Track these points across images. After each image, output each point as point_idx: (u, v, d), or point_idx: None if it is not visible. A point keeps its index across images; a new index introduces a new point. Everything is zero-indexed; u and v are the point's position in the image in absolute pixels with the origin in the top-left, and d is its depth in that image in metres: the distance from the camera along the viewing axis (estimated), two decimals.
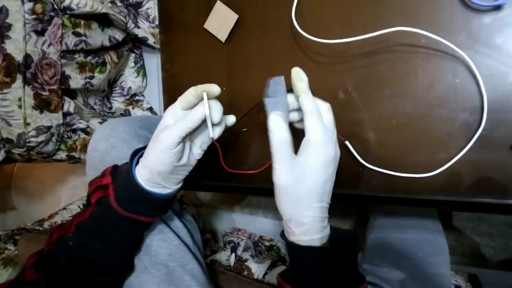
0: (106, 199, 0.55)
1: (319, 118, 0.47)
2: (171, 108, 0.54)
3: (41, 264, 0.55)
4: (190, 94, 0.51)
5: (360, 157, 0.56)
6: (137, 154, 0.57)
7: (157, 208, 0.58)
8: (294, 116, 0.52)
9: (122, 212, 0.54)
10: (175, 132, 0.50)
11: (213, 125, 0.52)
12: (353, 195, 0.59)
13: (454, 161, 0.52)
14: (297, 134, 0.49)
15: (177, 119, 0.53)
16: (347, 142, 0.56)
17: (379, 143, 0.56)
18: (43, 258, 0.56)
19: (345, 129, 0.58)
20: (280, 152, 0.46)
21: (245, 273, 1.07)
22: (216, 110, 0.52)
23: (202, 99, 0.51)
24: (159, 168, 0.52)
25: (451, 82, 0.52)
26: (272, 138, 0.47)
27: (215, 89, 0.50)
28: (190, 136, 0.53)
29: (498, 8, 0.48)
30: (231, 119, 0.57)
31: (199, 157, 0.56)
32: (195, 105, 0.52)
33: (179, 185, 0.58)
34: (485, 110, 0.49)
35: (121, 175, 0.57)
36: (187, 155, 0.55)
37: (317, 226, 0.48)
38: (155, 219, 0.62)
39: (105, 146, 0.69)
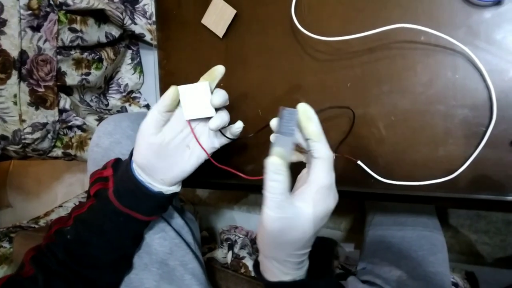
0: (104, 191, 0.55)
1: (330, 166, 0.42)
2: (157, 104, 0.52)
3: (39, 259, 0.55)
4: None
5: (359, 153, 0.56)
6: None
7: (155, 206, 0.57)
8: (298, 156, 0.48)
9: (119, 206, 0.54)
10: (149, 117, 0.49)
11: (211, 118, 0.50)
12: (351, 191, 0.59)
13: (461, 161, 0.52)
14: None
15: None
16: (359, 162, 0.56)
17: (377, 140, 0.56)
18: (41, 252, 0.56)
19: (343, 126, 0.57)
20: (273, 197, 0.40)
21: (242, 270, 1.06)
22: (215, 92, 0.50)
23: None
24: (138, 160, 0.52)
25: (451, 78, 0.51)
26: (268, 180, 0.40)
27: (219, 69, 0.50)
28: (186, 141, 0.53)
29: (498, 3, 0.48)
30: (238, 125, 0.53)
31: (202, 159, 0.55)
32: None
33: (175, 185, 0.57)
34: (495, 106, 0.49)
35: (121, 168, 0.56)
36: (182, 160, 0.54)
37: (295, 268, 0.47)
38: (153, 218, 0.61)
39: (109, 142, 0.68)
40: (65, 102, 1.15)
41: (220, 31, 0.64)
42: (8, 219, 1.72)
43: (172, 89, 0.48)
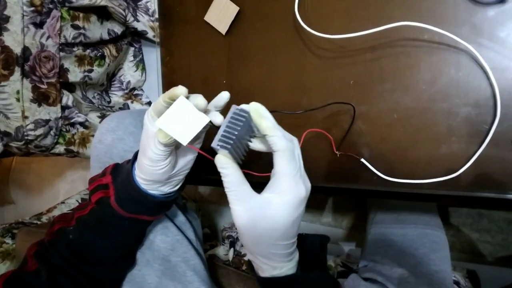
0: (106, 199, 0.54)
1: (291, 155, 0.43)
2: (147, 115, 0.49)
3: (42, 254, 0.55)
4: (159, 102, 0.47)
5: (361, 151, 0.56)
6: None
7: (160, 208, 0.57)
8: (256, 145, 0.48)
9: (123, 213, 0.54)
10: (158, 149, 0.47)
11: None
12: (354, 189, 0.59)
13: (464, 159, 0.52)
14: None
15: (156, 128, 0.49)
16: (362, 160, 0.56)
17: (380, 137, 0.56)
18: (44, 248, 0.56)
19: (345, 123, 0.57)
20: (234, 193, 0.43)
21: (244, 267, 1.07)
22: (195, 97, 0.46)
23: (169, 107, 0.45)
24: (154, 178, 0.51)
25: (454, 76, 0.51)
26: (223, 179, 0.43)
27: (179, 90, 0.45)
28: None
29: (502, 1, 0.48)
30: (226, 95, 0.50)
31: (195, 155, 0.54)
32: None
33: (180, 185, 0.57)
34: (498, 104, 0.49)
35: (121, 176, 0.55)
36: (183, 160, 0.53)
37: (283, 260, 0.47)
38: (158, 217, 0.61)
39: (112, 138, 0.68)
40: (67, 99, 1.15)
41: (223, 28, 0.64)
42: (10, 215, 1.73)
43: (159, 136, 0.45)
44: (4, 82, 0.96)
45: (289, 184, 0.43)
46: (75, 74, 1.16)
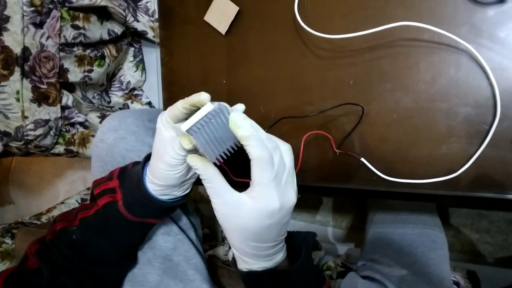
0: (114, 203, 0.54)
1: (266, 164, 0.42)
2: (162, 118, 0.49)
3: (44, 253, 0.55)
4: (177, 108, 0.46)
5: (361, 151, 0.56)
6: (148, 160, 0.54)
7: (167, 211, 0.58)
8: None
9: (131, 217, 0.54)
10: (179, 154, 0.47)
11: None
12: (353, 189, 0.59)
13: (464, 160, 0.52)
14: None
15: (172, 133, 0.49)
16: (362, 159, 0.56)
17: (380, 137, 0.56)
18: (46, 247, 0.56)
19: (346, 124, 0.57)
20: (210, 189, 0.44)
21: None
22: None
23: (189, 113, 0.46)
24: (169, 183, 0.51)
25: (454, 76, 0.51)
26: (200, 176, 0.45)
27: (203, 97, 0.44)
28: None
29: (502, 1, 0.48)
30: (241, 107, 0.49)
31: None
32: (183, 120, 0.46)
33: (190, 188, 0.57)
34: (498, 104, 0.49)
35: (129, 180, 0.55)
36: None
37: (255, 259, 0.47)
38: (164, 220, 0.61)
39: (113, 137, 0.68)
40: (67, 99, 1.15)
41: (222, 28, 0.64)
42: (10, 215, 1.73)
43: (183, 142, 0.45)
44: (4, 82, 0.96)
45: (262, 193, 0.43)
46: (75, 74, 1.16)
